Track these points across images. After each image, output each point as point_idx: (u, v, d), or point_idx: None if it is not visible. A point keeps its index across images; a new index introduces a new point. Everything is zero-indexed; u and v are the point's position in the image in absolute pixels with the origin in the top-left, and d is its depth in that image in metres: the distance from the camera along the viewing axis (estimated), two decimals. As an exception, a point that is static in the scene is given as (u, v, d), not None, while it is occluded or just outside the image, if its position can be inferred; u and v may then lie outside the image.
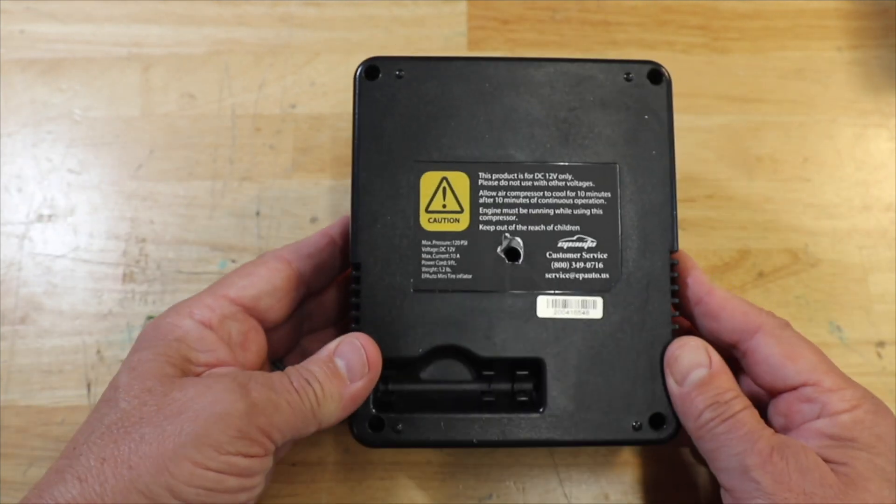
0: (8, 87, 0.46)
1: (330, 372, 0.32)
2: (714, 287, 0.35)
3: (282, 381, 0.31)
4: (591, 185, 0.36)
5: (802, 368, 0.33)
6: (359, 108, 0.36)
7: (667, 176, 0.36)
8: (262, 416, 0.29)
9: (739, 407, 0.32)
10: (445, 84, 0.36)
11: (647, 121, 0.36)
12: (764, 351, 0.34)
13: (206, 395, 0.29)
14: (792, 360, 0.33)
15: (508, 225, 0.36)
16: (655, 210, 0.36)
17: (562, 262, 0.35)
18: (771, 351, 0.33)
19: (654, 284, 0.35)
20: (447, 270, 0.35)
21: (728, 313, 0.35)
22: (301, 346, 0.39)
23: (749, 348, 0.34)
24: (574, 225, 0.36)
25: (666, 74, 0.37)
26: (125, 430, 0.29)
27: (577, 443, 0.35)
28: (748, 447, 0.31)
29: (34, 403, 0.41)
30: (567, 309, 0.35)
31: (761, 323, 0.34)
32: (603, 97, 0.36)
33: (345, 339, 0.33)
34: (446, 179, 0.36)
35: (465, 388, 0.35)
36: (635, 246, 0.36)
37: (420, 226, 0.35)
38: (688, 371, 0.33)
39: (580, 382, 0.35)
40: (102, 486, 0.28)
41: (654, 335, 0.35)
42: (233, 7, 0.47)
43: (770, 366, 0.33)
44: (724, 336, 0.35)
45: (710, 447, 0.32)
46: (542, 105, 0.36)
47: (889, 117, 0.46)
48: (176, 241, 0.43)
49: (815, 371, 0.33)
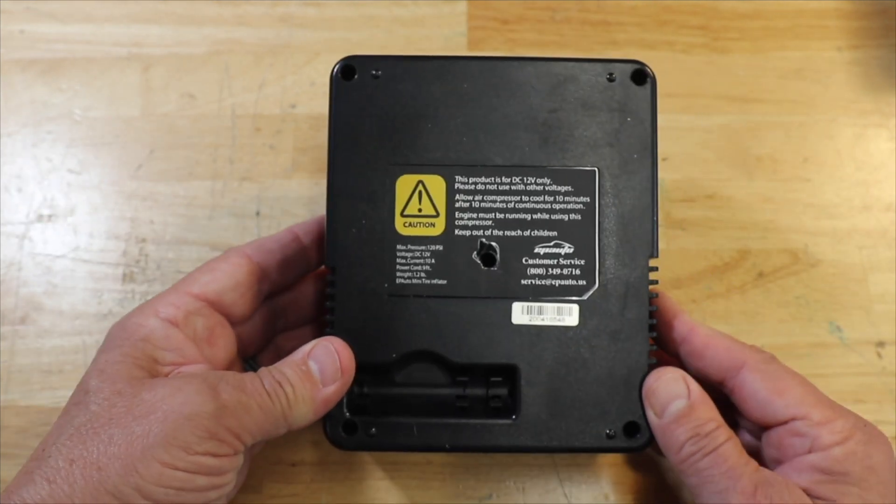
0: (8, 87, 0.46)
1: (303, 375, 0.32)
2: (696, 325, 0.35)
3: (253, 382, 0.31)
4: (570, 189, 0.35)
5: (790, 402, 0.32)
6: (334, 109, 0.35)
7: (648, 181, 0.35)
8: (231, 418, 0.30)
9: (722, 439, 0.32)
10: (423, 84, 0.35)
11: (629, 123, 0.35)
12: (750, 387, 0.33)
13: (175, 396, 0.29)
14: (779, 394, 0.33)
15: (484, 230, 0.35)
16: (636, 216, 0.35)
17: (538, 268, 0.35)
18: (757, 386, 0.33)
19: (632, 292, 0.35)
20: (422, 275, 0.35)
21: (712, 351, 0.34)
22: (275, 343, 0.39)
23: (735, 385, 0.34)
24: (551, 230, 0.35)
25: (650, 75, 0.36)
26: (94, 432, 0.29)
27: (549, 449, 0.35)
28: (731, 484, 0.31)
29: (34, 403, 0.41)
30: (542, 316, 0.35)
31: (745, 359, 0.34)
32: (584, 98, 0.35)
33: (319, 342, 0.33)
34: (422, 183, 0.35)
35: (439, 393, 0.35)
36: (614, 252, 0.35)
37: (395, 230, 0.35)
38: (666, 403, 0.33)
39: (554, 389, 0.34)
40: (71, 487, 0.28)
41: (631, 343, 0.34)
42: (233, 7, 0.47)
43: (758, 401, 0.33)
44: (711, 374, 0.35)
45: (693, 482, 0.32)
46: (521, 106, 0.35)
47: (889, 117, 0.46)
48: (176, 241, 0.43)
49: (802, 404, 0.32)
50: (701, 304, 0.43)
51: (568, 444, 0.34)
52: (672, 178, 0.45)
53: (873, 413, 0.41)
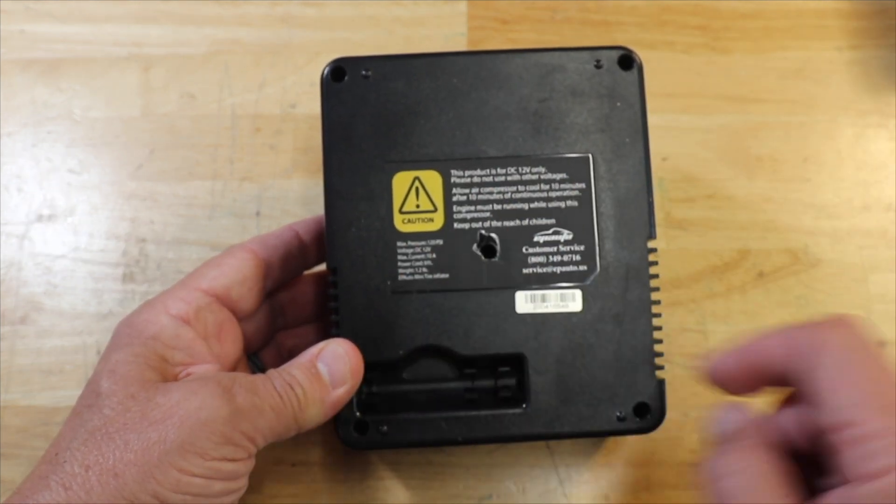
0: (8, 87, 0.46)
1: (313, 377, 0.32)
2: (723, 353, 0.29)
3: (265, 385, 0.31)
4: (565, 176, 0.36)
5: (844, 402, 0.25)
6: (326, 111, 0.36)
7: (641, 164, 0.36)
8: (246, 421, 0.30)
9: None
10: (414, 82, 0.36)
11: (619, 108, 0.36)
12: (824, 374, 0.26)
13: (190, 401, 0.29)
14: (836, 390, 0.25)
15: (483, 221, 0.35)
16: (631, 198, 0.35)
17: (539, 256, 0.35)
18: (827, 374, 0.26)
19: (633, 274, 0.35)
20: (424, 271, 0.35)
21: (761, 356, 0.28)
22: (276, 340, 0.39)
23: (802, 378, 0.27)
24: (549, 218, 0.36)
25: (637, 60, 0.36)
26: (109, 437, 0.29)
27: (561, 436, 0.35)
28: None
29: (34, 403, 0.41)
30: (546, 303, 0.35)
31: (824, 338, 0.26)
32: (573, 86, 0.36)
33: (328, 344, 0.33)
34: (419, 179, 0.35)
35: (448, 387, 0.35)
36: (612, 236, 0.35)
37: (394, 227, 0.35)
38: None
39: (562, 376, 0.35)
40: (88, 494, 0.28)
41: (635, 324, 0.35)
42: (233, 7, 0.47)
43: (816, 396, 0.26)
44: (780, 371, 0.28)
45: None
46: (512, 98, 0.36)
47: (889, 117, 0.46)
48: (176, 241, 0.43)
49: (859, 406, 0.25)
50: (701, 304, 0.43)
51: (579, 429, 0.35)
52: (672, 178, 0.45)
53: (873, 413, 0.41)
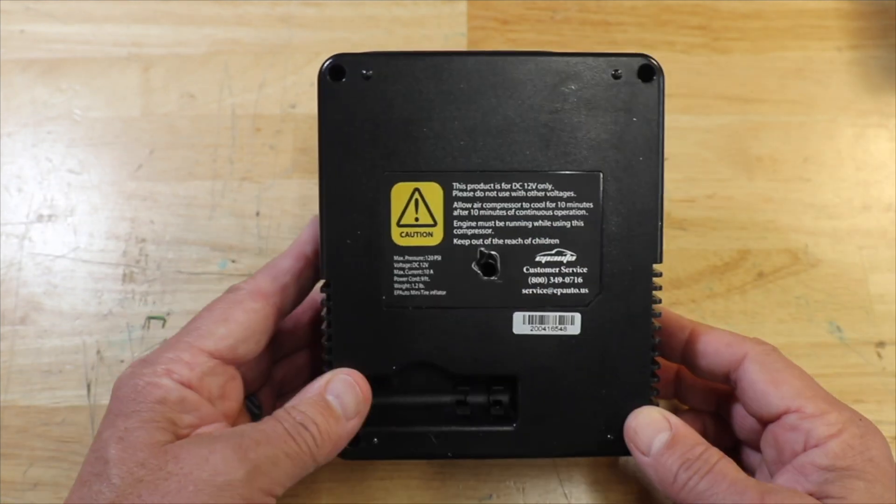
0: (8, 87, 0.46)
1: (325, 411, 0.31)
2: (696, 325, 0.35)
3: (275, 430, 0.30)
4: (573, 195, 0.34)
5: (786, 394, 0.32)
6: (324, 112, 0.33)
7: (654, 185, 0.33)
8: (262, 477, 0.29)
9: (715, 459, 0.31)
10: (417, 85, 0.33)
11: (635, 123, 0.33)
12: (749, 377, 0.33)
13: (203, 468, 0.28)
14: (775, 385, 0.32)
15: (484, 238, 0.34)
16: (640, 221, 0.34)
17: (540, 276, 0.34)
18: (755, 377, 0.33)
19: (635, 299, 0.34)
20: (420, 286, 0.34)
21: (713, 346, 0.34)
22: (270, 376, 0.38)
23: (737, 377, 0.34)
24: (553, 238, 0.34)
25: (657, 70, 0.34)
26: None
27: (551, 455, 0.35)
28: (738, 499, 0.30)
29: (34, 403, 0.41)
30: (544, 325, 0.34)
31: (746, 350, 0.34)
32: (588, 98, 0.33)
33: (335, 375, 0.33)
34: (419, 191, 0.34)
35: (440, 401, 0.35)
36: (617, 259, 0.34)
37: (392, 240, 0.34)
38: (650, 438, 0.33)
39: (555, 398, 0.34)
40: None
41: (633, 350, 0.34)
42: (233, 7, 0.47)
43: (755, 392, 0.33)
44: (716, 371, 0.34)
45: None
46: (521, 107, 0.33)
47: (889, 117, 0.46)
48: (176, 241, 0.43)
49: (798, 397, 0.32)
50: (701, 304, 0.43)
51: (569, 451, 0.35)
52: (672, 178, 0.45)
53: (873, 413, 0.41)
